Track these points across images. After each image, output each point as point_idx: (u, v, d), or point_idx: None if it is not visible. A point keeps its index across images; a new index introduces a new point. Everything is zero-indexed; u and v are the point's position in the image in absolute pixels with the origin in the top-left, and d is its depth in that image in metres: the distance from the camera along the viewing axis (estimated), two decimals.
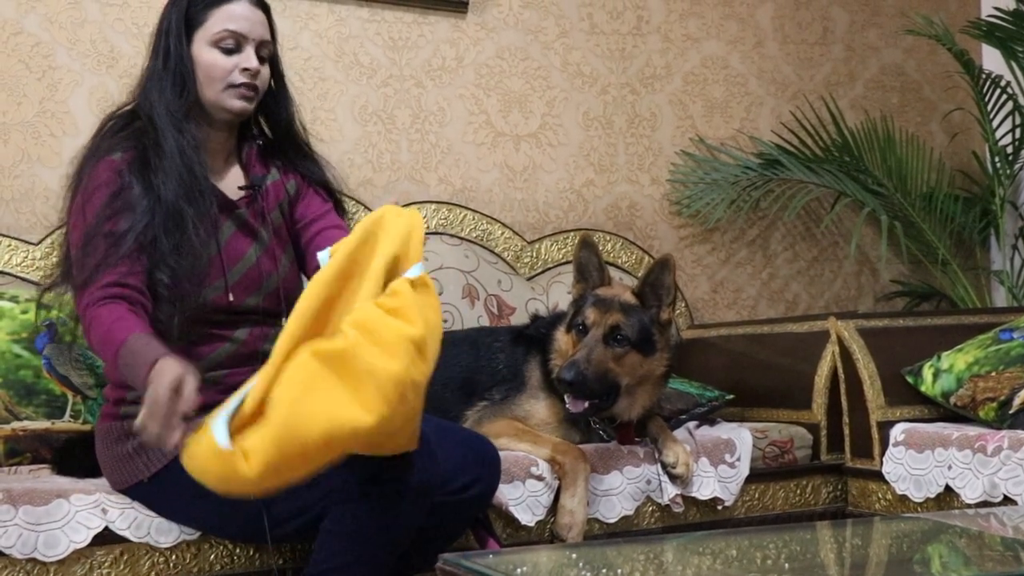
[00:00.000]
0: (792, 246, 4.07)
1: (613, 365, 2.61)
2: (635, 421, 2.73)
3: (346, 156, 3.43)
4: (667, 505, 2.72)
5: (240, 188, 2.30)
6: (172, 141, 2.15)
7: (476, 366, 2.80)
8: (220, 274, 2.19)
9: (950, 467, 2.73)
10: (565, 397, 2.61)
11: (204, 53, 2.22)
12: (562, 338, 2.73)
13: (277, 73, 2.35)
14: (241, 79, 2.22)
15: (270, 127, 2.39)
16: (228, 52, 2.22)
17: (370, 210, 3.34)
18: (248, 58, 2.22)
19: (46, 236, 2.99)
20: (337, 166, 2.50)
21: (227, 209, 2.25)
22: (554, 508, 2.56)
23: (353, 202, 2.58)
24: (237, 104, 2.23)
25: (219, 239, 2.21)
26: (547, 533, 2.56)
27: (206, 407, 2.15)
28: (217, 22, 2.22)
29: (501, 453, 2.38)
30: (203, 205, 2.15)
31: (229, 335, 2.21)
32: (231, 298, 2.20)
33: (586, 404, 2.58)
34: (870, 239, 4.12)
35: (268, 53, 2.29)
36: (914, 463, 2.81)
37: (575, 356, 2.58)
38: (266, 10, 2.30)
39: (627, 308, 2.65)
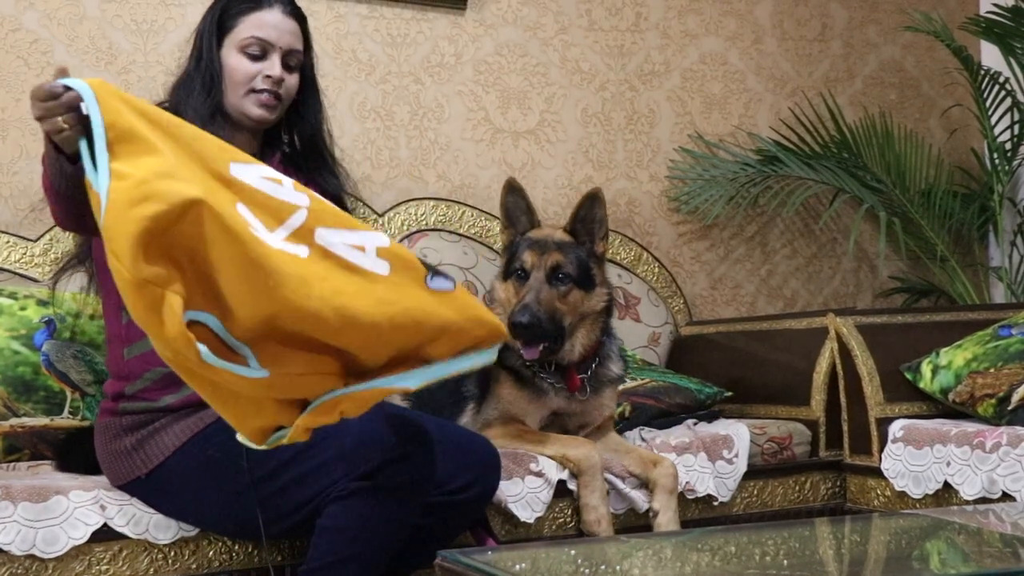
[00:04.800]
0: (791, 243, 4.07)
1: (559, 304, 2.61)
2: (577, 361, 2.68)
3: (345, 153, 3.38)
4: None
5: None
6: None
7: None
8: None
9: (949, 463, 2.73)
10: (518, 344, 2.58)
11: (231, 57, 2.27)
12: (500, 287, 2.71)
13: (309, 82, 2.38)
14: (263, 85, 2.26)
15: (297, 134, 2.41)
16: (254, 58, 2.27)
17: (369, 207, 3.35)
18: (272, 66, 2.26)
19: (45, 233, 2.99)
20: None
21: None
22: (553, 505, 2.56)
23: (352, 199, 2.59)
24: (256, 111, 2.27)
25: None
26: (546, 530, 2.56)
27: (193, 405, 2.15)
28: (246, 28, 2.27)
29: (501, 450, 2.39)
30: None
31: None
32: None
33: (540, 348, 2.57)
34: (869, 235, 4.12)
35: (297, 63, 2.32)
36: (913, 459, 2.82)
37: (525, 299, 2.57)
38: (300, 20, 2.34)
39: (563, 246, 2.65)
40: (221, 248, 1.55)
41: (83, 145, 1.60)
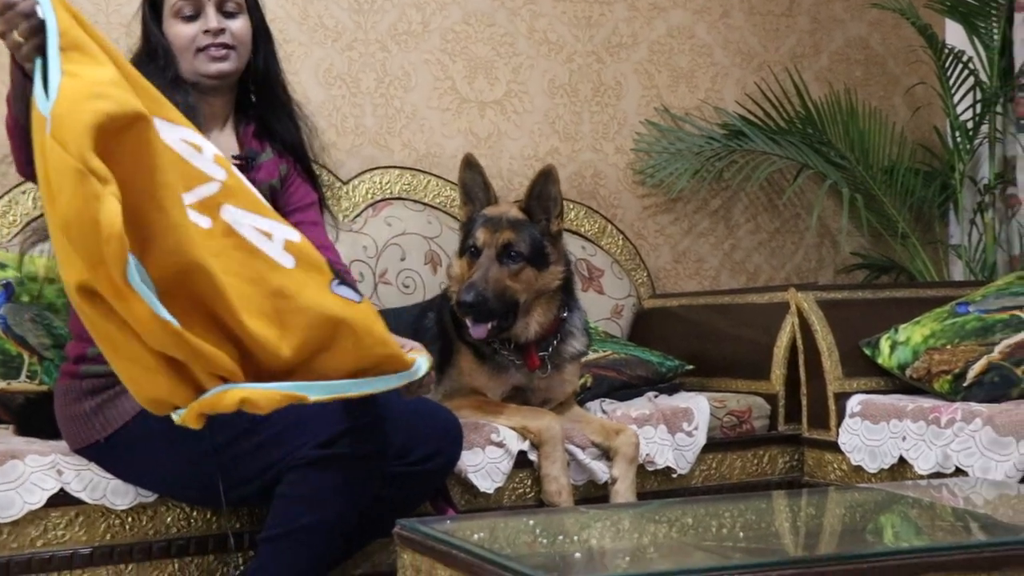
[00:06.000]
0: (754, 217, 4.09)
1: (510, 282, 2.60)
2: (534, 340, 2.68)
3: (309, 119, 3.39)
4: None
5: (233, 157, 2.31)
6: None
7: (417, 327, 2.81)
8: None
9: (904, 438, 2.76)
10: (467, 322, 2.59)
11: (171, 27, 2.27)
12: (456, 263, 2.72)
13: (257, 24, 2.35)
14: (205, 41, 2.25)
15: (250, 77, 2.38)
16: (188, 20, 2.27)
17: (334, 175, 3.33)
18: (207, 20, 2.24)
19: (3, 194, 2.94)
20: None
21: None
22: (513, 475, 2.57)
23: (317, 166, 2.57)
24: (210, 67, 2.26)
25: None
26: (506, 500, 2.57)
27: None
28: None
29: (462, 421, 2.39)
30: None
31: None
32: None
33: (488, 326, 2.56)
34: (831, 211, 4.15)
35: (236, 7, 2.30)
36: (869, 434, 2.85)
37: (472, 278, 2.57)
38: None
39: (516, 224, 2.64)
40: (158, 174, 1.50)
41: (37, 63, 1.56)
